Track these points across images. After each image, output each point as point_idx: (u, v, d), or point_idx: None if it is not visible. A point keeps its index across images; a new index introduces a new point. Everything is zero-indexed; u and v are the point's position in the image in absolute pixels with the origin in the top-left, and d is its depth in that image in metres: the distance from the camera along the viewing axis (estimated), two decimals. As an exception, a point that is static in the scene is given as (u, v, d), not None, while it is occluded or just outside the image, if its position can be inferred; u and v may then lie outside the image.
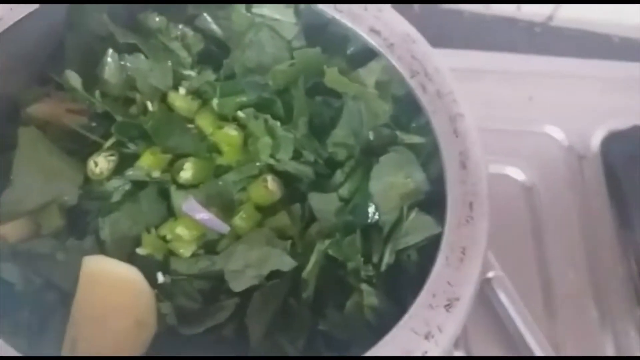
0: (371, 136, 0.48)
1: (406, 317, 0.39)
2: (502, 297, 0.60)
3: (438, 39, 0.51)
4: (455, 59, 0.74)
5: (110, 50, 0.50)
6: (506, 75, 0.78)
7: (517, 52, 0.80)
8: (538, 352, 0.58)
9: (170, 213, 0.49)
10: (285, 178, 0.51)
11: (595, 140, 0.74)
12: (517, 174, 0.72)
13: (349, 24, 0.48)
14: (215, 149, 0.51)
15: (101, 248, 0.47)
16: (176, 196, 0.49)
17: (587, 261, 0.67)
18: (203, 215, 0.47)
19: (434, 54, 0.46)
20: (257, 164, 0.51)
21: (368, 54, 0.50)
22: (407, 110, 0.48)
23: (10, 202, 0.47)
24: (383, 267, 0.45)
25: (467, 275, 0.40)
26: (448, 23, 0.85)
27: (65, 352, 0.43)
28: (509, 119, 0.74)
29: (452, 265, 0.40)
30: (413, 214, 0.44)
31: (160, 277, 0.47)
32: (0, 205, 0.46)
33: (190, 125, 0.52)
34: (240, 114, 0.51)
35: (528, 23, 0.86)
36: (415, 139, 0.47)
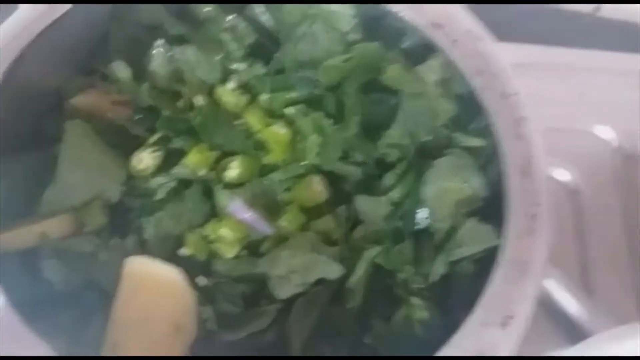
0: (427, 137, 0.45)
1: (458, 335, 0.36)
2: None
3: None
4: (502, 51, 0.69)
5: (159, 41, 0.49)
6: (557, 70, 0.73)
7: (565, 44, 0.76)
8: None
9: (214, 213, 0.48)
10: (330, 178, 0.48)
11: (646, 141, 0.69)
12: (563, 175, 0.67)
13: (410, 17, 0.45)
14: (262, 147, 0.48)
15: (144, 248, 0.45)
16: (221, 195, 0.47)
17: (632, 265, 0.62)
18: (248, 215, 0.45)
19: (499, 52, 0.43)
20: (303, 163, 0.48)
21: (426, 49, 0.46)
22: (467, 111, 0.45)
23: (54, 198, 0.46)
24: (434, 278, 0.42)
25: (526, 291, 0.37)
26: (492, 14, 0.81)
27: (105, 355, 0.42)
28: (557, 116, 0.69)
29: (511, 280, 0.37)
30: (469, 223, 0.41)
31: (203, 280, 0.45)
32: (42, 201, 0.45)
33: (237, 122, 0.50)
34: (288, 110, 0.49)
35: (575, 14, 0.81)
36: (475, 142, 0.43)
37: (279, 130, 0.47)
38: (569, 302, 0.51)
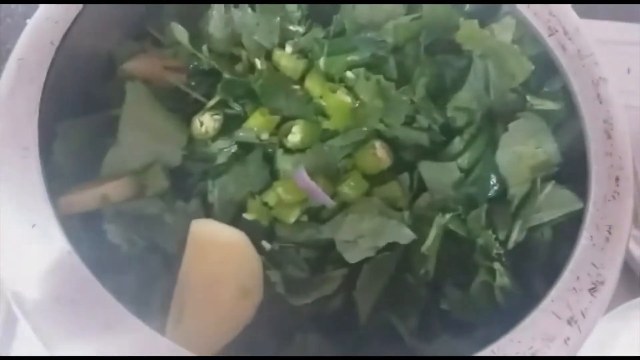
0: (497, 100, 0.44)
1: (548, 300, 0.35)
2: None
3: None
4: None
5: (216, 4, 0.47)
6: (604, 45, 0.71)
7: (610, 18, 0.74)
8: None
9: (275, 178, 0.47)
10: (393, 144, 0.47)
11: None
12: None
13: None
14: (322, 112, 0.47)
15: (208, 211, 0.44)
16: (283, 161, 0.46)
17: None
18: (311, 185, 0.44)
19: (574, 13, 0.41)
20: (365, 129, 0.47)
21: (497, 10, 0.45)
22: (540, 73, 0.43)
23: (115, 161, 0.45)
24: (511, 245, 0.41)
25: (613, 256, 0.37)
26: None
27: (172, 317, 0.41)
28: None
29: (598, 245, 0.36)
30: (549, 187, 0.40)
31: (267, 245, 0.44)
32: (104, 164, 0.45)
33: (295, 87, 0.49)
34: (349, 74, 0.47)
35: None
36: (549, 105, 0.42)
37: (343, 98, 0.46)
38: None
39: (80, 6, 0.45)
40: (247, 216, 0.45)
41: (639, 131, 0.66)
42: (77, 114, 0.47)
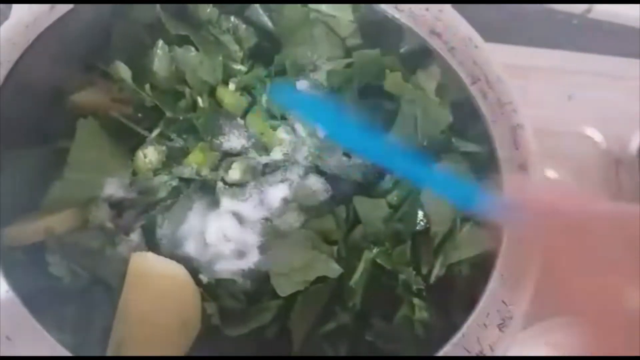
0: (425, 142, 0.47)
1: (459, 335, 0.38)
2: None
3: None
4: (492, 52, 0.71)
5: (161, 42, 0.49)
6: (546, 72, 0.75)
7: (555, 46, 0.77)
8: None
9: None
10: (330, 179, 0.50)
11: (634, 145, 0.72)
12: (552, 175, 0.69)
13: (409, 24, 0.46)
14: (263, 148, 0.50)
15: (151, 244, 0.46)
16: (222, 194, 0.48)
17: None
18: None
19: (496, 61, 0.44)
20: (304, 164, 0.49)
21: (425, 55, 0.48)
22: (464, 117, 0.46)
23: (60, 194, 0.46)
24: (432, 279, 0.44)
25: (522, 293, 0.39)
26: (485, 15, 0.82)
27: (111, 350, 0.43)
28: (547, 117, 0.70)
29: (508, 283, 0.39)
30: (467, 227, 0.43)
31: (204, 277, 0.46)
32: (48, 196, 0.46)
33: (239, 121, 0.51)
34: (289, 112, 0.50)
35: (566, 15, 0.83)
36: (472, 147, 0.45)
37: (283, 136, 0.48)
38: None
39: (30, 37, 0.46)
40: (186, 250, 0.46)
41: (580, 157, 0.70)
42: (24, 144, 0.48)
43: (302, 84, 0.49)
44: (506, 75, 0.45)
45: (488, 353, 0.37)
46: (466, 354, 0.37)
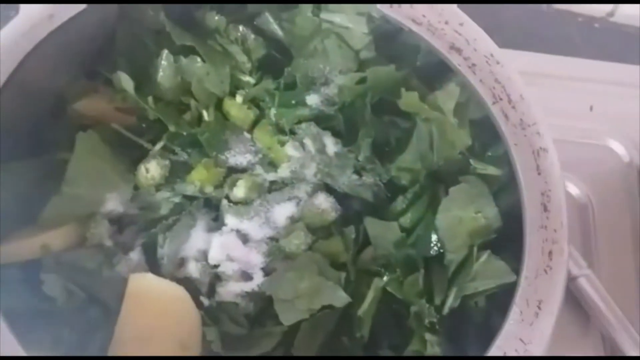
0: (440, 163, 0.44)
1: (472, 376, 0.35)
2: (592, 295, 0.57)
3: (491, 36, 0.45)
4: (510, 59, 0.68)
5: (166, 52, 0.47)
6: (566, 81, 0.72)
7: (576, 52, 0.74)
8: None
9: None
10: (339, 197, 0.48)
11: (658, 157, 0.68)
12: (571, 188, 0.66)
13: (427, 38, 0.44)
14: (271, 164, 0.47)
15: (152, 264, 0.44)
16: (227, 212, 0.46)
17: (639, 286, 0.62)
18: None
19: (519, 79, 0.42)
20: (312, 181, 0.47)
21: (442, 70, 0.45)
22: (484, 137, 0.44)
23: (57, 209, 0.44)
24: (446, 311, 0.41)
25: (542, 332, 0.37)
26: (499, 18, 0.79)
27: (107, 374, 0.41)
28: (567, 128, 0.68)
29: (527, 320, 0.37)
30: (484, 257, 0.40)
31: (205, 300, 0.44)
32: (45, 212, 0.44)
33: (246, 135, 0.49)
34: (298, 127, 0.48)
35: (587, 18, 0.80)
36: (491, 170, 0.43)
37: (292, 152, 0.46)
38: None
39: (31, 43, 0.44)
40: (187, 271, 0.44)
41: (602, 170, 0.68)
42: (22, 155, 0.46)
43: (312, 99, 0.47)
44: (530, 94, 0.42)
45: (504, 395, 0.34)
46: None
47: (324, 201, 0.47)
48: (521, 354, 0.36)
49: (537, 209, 0.39)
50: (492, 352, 0.36)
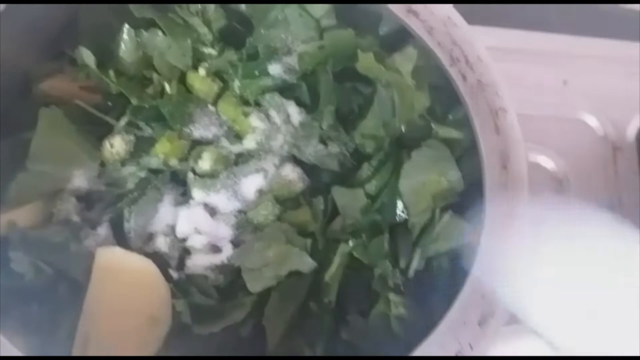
0: (403, 128, 0.44)
1: (436, 332, 0.36)
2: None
3: (466, 14, 0.45)
4: (485, 36, 0.68)
5: (126, 27, 0.47)
6: (540, 56, 0.72)
7: (550, 28, 0.74)
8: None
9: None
10: (307, 169, 0.48)
11: (632, 131, 0.69)
12: (547, 162, 0.67)
13: (385, 4, 0.44)
14: (236, 136, 0.47)
15: (119, 238, 0.44)
16: (194, 186, 0.46)
17: None
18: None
19: (477, 40, 0.42)
20: (278, 153, 0.47)
21: (403, 36, 0.45)
22: (444, 101, 0.44)
23: (23, 186, 0.44)
24: (411, 273, 0.42)
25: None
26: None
27: (77, 348, 0.41)
28: (541, 103, 0.69)
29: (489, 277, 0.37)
30: (446, 217, 0.41)
31: (174, 273, 0.44)
32: (11, 189, 0.44)
33: (210, 108, 0.48)
34: (262, 98, 0.47)
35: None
36: (453, 133, 0.43)
37: (256, 123, 0.46)
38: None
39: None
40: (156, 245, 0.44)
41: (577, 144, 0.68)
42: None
43: (275, 68, 0.47)
44: (488, 56, 0.42)
45: (467, 352, 0.35)
46: (443, 354, 0.35)
47: (291, 172, 0.47)
48: (483, 310, 0.36)
49: (496, 168, 0.39)
50: (455, 309, 0.36)
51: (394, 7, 0.44)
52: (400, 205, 0.43)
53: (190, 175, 0.46)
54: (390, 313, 0.40)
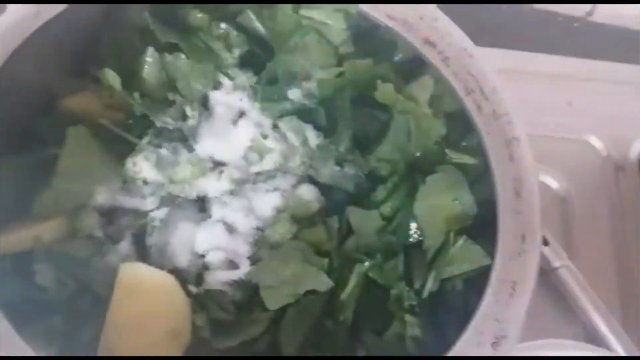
0: (417, 153, 0.46)
1: (451, 354, 0.37)
2: (573, 286, 0.59)
3: (473, 36, 0.47)
4: (491, 58, 0.70)
5: (151, 49, 0.48)
6: (545, 78, 0.74)
7: (556, 50, 0.77)
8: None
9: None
10: (323, 189, 0.49)
11: (634, 151, 0.71)
12: (551, 182, 0.69)
13: (402, 33, 0.45)
14: (254, 156, 0.49)
15: (141, 253, 0.45)
16: (213, 203, 0.47)
17: (618, 278, 0.64)
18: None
19: (491, 71, 0.44)
20: (295, 173, 0.49)
21: (419, 65, 0.47)
22: (459, 128, 0.46)
23: (49, 202, 0.45)
24: (425, 294, 0.43)
25: (516, 311, 0.39)
26: (481, 17, 0.81)
27: (99, 361, 0.42)
28: (546, 123, 0.71)
29: (501, 301, 0.39)
30: (461, 242, 0.42)
31: (194, 288, 0.45)
32: (37, 204, 0.45)
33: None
34: (280, 121, 0.49)
35: (567, 18, 0.82)
36: (466, 159, 0.45)
37: (271, 144, 0.47)
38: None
39: (17, 40, 0.45)
40: (176, 262, 0.46)
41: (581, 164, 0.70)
42: (13, 150, 0.47)
43: (294, 93, 0.49)
44: (502, 86, 0.44)
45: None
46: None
47: (307, 192, 0.48)
48: (497, 333, 0.38)
49: (509, 195, 0.41)
50: (469, 331, 0.38)
51: (411, 37, 0.46)
52: (414, 227, 0.45)
53: (210, 193, 0.47)
54: (405, 334, 0.42)
